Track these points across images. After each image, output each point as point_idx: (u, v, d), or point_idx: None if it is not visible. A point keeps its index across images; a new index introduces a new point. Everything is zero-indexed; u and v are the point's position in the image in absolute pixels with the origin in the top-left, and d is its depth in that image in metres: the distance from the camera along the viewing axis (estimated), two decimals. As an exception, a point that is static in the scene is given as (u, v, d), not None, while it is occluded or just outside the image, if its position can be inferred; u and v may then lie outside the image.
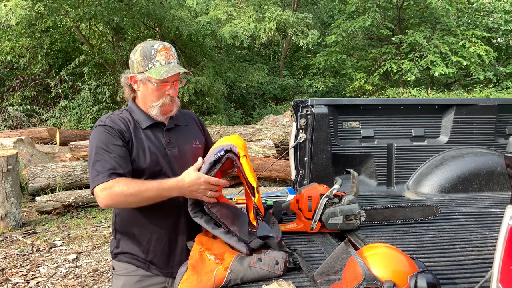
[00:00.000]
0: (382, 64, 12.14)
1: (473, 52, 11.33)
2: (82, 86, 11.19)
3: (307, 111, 2.62)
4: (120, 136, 1.72)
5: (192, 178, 1.62)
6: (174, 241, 1.84)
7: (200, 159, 1.71)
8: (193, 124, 2.00)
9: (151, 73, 1.72)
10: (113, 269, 1.92)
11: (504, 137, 2.90)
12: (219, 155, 1.63)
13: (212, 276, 1.53)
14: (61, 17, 10.29)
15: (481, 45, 11.37)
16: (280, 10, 12.11)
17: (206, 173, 1.63)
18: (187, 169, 1.66)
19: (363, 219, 2.05)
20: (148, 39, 1.87)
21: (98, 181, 1.63)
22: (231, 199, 2.12)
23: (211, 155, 1.66)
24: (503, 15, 12.13)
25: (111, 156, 1.67)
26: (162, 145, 1.80)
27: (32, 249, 4.42)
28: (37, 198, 5.44)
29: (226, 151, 1.63)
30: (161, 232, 1.81)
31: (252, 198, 1.64)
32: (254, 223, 1.73)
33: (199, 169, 1.66)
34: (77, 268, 4.02)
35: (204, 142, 1.99)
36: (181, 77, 1.83)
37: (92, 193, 1.68)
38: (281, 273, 1.58)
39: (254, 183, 1.61)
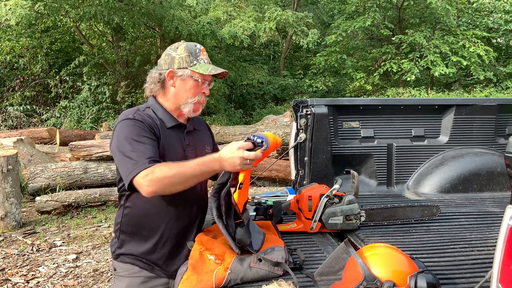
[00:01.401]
0: (382, 64, 12.14)
1: (473, 52, 11.33)
2: (82, 86, 11.19)
3: (307, 111, 2.62)
4: (151, 130, 1.70)
5: (232, 149, 1.59)
6: (181, 245, 1.83)
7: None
8: (205, 130, 2.03)
9: (197, 69, 1.75)
10: (115, 270, 1.89)
11: (504, 137, 2.91)
12: (260, 142, 1.63)
13: (212, 276, 1.53)
14: (61, 17, 10.30)
15: (481, 45, 11.37)
16: (280, 10, 12.11)
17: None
18: (228, 145, 1.64)
19: (363, 219, 2.05)
20: (182, 41, 1.87)
21: (139, 169, 1.56)
22: None
23: (253, 136, 1.66)
24: (503, 15, 12.13)
25: (146, 147, 1.64)
26: (182, 147, 1.81)
27: (32, 249, 4.42)
28: (37, 198, 5.44)
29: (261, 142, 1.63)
30: (170, 235, 1.80)
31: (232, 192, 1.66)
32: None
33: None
34: (77, 268, 4.02)
35: (212, 148, 2.01)
36: (212, 79, 1.86)
37: (129, 187, 1.60)
38: (281, 273, 1.58)
39: (240, 179, 1.64)
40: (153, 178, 1.54)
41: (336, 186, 2.05)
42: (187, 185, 1.62)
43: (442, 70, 11.20)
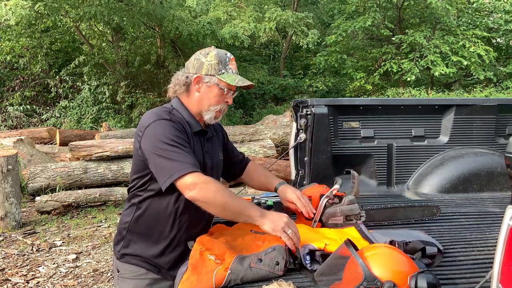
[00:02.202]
0: (382, 64, 12.14)
1: (473, 52, 11.33)
2: (82, 86, 11.19)
3: (307, 111, 2.62)
4: (186, 134, 1.70)
5: (282, 215, 1.64)
6: (190, 250, 1.81)
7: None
8: (220, 135, 2.01)
9: (224, 78, 1.73)
10: (118, 271, 1.83)
11: (504, 137, 2.90)
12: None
13: (212, 276, 1.53)
14: (61, 17, 10.30)
15: (481, 45, 11.38)
16: (280, 10, 12.11)
17: None
18: (278, 214, 1.67)
19: (363, 219, 2.04)
20: (212, 46, 1.86)
21: (186, 170, 1.56)
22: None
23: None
24: (503, 15, 12.14)
25: (187, 151, 1.63)
26: (202, 153, 1.80)
27: (32, 249, 4.42)
28: (37, 198, 5.44)
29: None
30: (180, 241, 1.77)
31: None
32: None
33: None
34: (77, 268, 4.02)
35: (223, 150, 2.00)
36: (237, 89, 1.85)
37: (168, 187, 1.58)
38: (282, 274, 1.58)
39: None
40: (204, 188, 1.57)
41: (336, 186, 2.05)
42: (219, 214, 1.66)
43: (442, 70, 11.20)
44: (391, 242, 1.68)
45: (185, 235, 1.78)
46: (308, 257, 1.64)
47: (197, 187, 1.57)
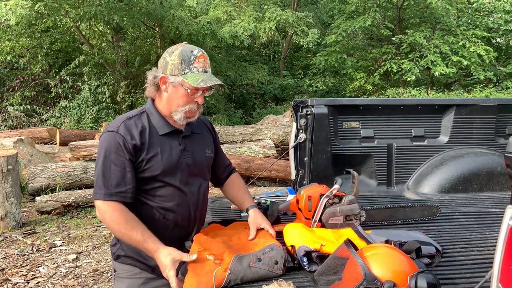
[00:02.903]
0: (382, 64, 12.14)
1: (473, 52, 11.33)
2: (82, 86, 11.19)
3: (307, 111, 2.62)
4: (131, 148, 1.69)
5: (164, 263, 1.61)
6: (181, 249, 1.81)
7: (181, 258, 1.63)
8: (207, 132, 1.98)
9: (187, 78, 1.68)
10: (115, 271, 1.88)
11: (504, 137, 2.90)
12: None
13: (212, 277, 1.53)
14: (61, 17, 10.30)
15: (481, 45, 11.37)
16: (279, 10, 12.11)
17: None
18: (170, 250, 1.63)
19: (363, 219, 2.05)
20: (184, 42, 1.82)
21: (99, 197, 1.68)
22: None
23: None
24: (503, 15, 12.13)
25: (117, 169, 1.68)
26: (177, 152, 1.78)
27: (32, 249, 4.42)
28: (37, 198, 5.44)
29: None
30: (169, 240, 1.77)
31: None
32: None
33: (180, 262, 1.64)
34: (77, 268, 4.02)
35: (214, 151, 1.97)
36: (211, 86, 1.79)
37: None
38: (281, 273, 1.58)
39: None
40: (102, 216, 1.70)
41: (336, 186, 2.05)
42: (126, 243, 1.73)
43: (442, 70, 11.20)
44: (387, 242, 1.68)
45: (174, 235, 1.79)
46: (305, 259, 1.65)
47: (100, 214, 1.70)
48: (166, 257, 1.60)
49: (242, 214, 2.26)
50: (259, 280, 1.55)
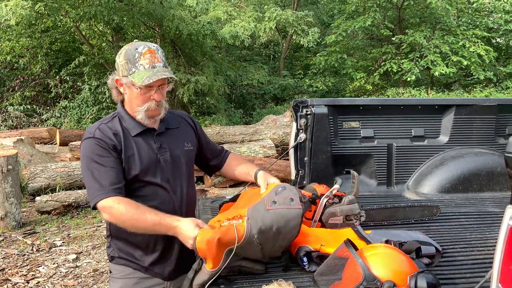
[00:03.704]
0: (382, 64, 12.14)
1: (473, 52, 11.33)
2: (82, 86, 11.19)
3: (307, 111, 2.62)
4: (112, 148, 1.70)
5: (190, 226, 1.56)
6: (170, 247, 1.83)
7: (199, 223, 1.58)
8: (185, 126, 1.95)
9: (134, 77, 1.67)
10: (110, 272, 1.91)
11: (504, 137, 2.90)
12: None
13: (233, 230, 1.47)
14: (61, 17, 10.29)
15: (481, 45, 11.37)
16: (279, 10, 12.11)
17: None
18: (188, 219, 1.59)
19: (363, 219, 2.04)
20: (135, 40, 1.81)
21: (98, 199, 1.65)
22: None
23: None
24: (503, 15, 12.13)
25: (106, 170, 1.67)
26: (153, 151, 1.77)
27: (32, 249, 4.42)
28: (37, 198, 5.44)
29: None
30: (157, 240, 1.80)
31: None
32: None
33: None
34: (77, 268, 4.02)
35: (197, 144, 1.96)
36: (169, 79, 1.76)
37: (94, 208, 1.68)
38: (300, 208, 1.52)
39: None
40: (110, 213, 1.65)
41: (336, 186, 2.05)
42: (140, 232, 1.68)
43: (442, 70, 11.20)
44: (387, 242, 1.68)
45: (162, 236, 1.77)
46: (305, 259, 1.64)
47: (107, 212, 1.66)
48: (189, 222, 1.57)
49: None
50: (280, 221, 1.48)
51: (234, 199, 2.02)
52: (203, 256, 1.47)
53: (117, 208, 1.62)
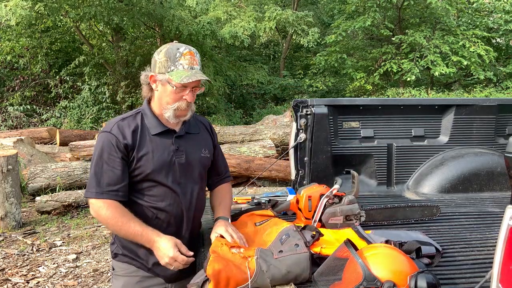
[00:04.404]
0: (382, 64, 12.14)
1: (473, 52, 11.33)
2: (82, 86, 11.19)
3: (307, 111, 2.62)
4: (123, 147, 1.72)
5: (168, 245, 1.66)
6: None
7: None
8: (205, 132, 1.97)
9: (172, 75, 1.70)
10: (113, 269, 1.91)
11: (504, 137, 2.91)
12: None
13: (246, 267, 1.50)
14: (61, 17, 10.29)
15: (481, 45, 11.37)
16: (279, 10, 12.11)
17: None
18: (169, 238, 1.68)
19: (363, 219, 2.05)
20: (174, 41, 1.83)
21: (90, 195, 1.73)
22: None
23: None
24: (503, 15, 12.13)
25: (109, 169, 1.72)
26: (169, 152, 1.78)
27: (32, 249, 4.42)
28: (37, 198, 5.44)
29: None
30: None
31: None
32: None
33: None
34: (77, 268, 4.02)
35: (212, 151, 1.97)
36: (201, 83, 1.79)
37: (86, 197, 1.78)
38: (307, 251, 1.56)
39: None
40: (96, 213, 1.73)
41: (336, 186, 2.05)
42: (121, 237, 1.77)
43: (442, 70, 11.20)
44: (387, 242, 1.68)
45: (167, 234, 1.77)
46: None
47: (94, 211, 1.74)
48: (168, 241, 1.66)
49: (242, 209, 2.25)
50: (290, 264, 1.52)
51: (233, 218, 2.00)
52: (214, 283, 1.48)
53: (104, 212, 1.70)
